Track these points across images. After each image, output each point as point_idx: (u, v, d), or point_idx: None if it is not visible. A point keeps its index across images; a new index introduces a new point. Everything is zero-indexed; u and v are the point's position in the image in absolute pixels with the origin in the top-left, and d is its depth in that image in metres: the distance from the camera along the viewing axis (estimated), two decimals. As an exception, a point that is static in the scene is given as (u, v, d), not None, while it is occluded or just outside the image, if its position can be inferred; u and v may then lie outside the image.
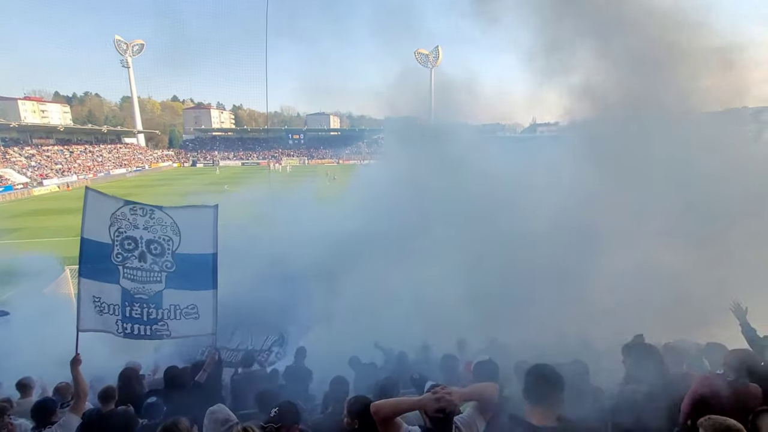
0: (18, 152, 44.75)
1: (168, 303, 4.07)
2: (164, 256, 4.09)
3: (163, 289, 4.08)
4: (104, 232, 3.98)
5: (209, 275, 4.17)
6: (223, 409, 2.94)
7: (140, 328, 4.04)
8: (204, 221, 4.19)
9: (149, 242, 4.05)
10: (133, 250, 4.02)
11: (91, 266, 3.97)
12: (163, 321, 4.06)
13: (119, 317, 4.01)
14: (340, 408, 3.17)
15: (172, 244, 4.10)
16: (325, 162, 74.20)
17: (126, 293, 4.01)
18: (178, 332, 4.15)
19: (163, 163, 67.03)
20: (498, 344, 4.83)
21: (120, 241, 4.00)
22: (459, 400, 2.03)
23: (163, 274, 4.08)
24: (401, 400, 2.18)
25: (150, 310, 4.04)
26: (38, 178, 41.12)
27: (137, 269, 4.03)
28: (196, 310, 4.13)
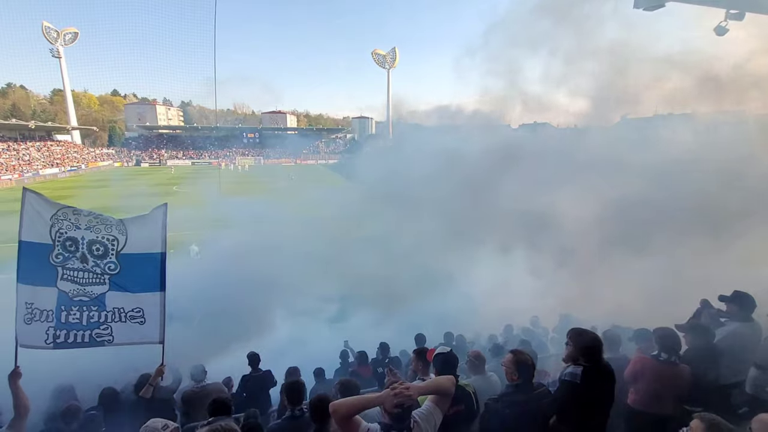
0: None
1: (112, 305, 3.86)
2: (107, 257, 3.88)
3: (106, 291, 3.87)
4: (44, 233, 3.76)
5: (156, 276, 4.00)
6: (155, 420, 2.79)
7: (77, 334, 3.77)
8: (152, 219, 4.03)
9: (91, 243, 3.83)
10: (75, 252, 3.79)
11: (27, 270, 3.72)
12: (106, 324, 3.84)
13: (52, 324, 3.73)
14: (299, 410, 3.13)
15: (117, 244, 3.91)
16: (282, 161, 72.41)
17: (63, 296, 3.76)
18: (122, 338, 3.89)
19: (102, 162, 62.07)
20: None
21: (62, 241, 3.78)
22: (417, 394, 2.07)
23: (106, 276, 3.87)
24: (359, 398, 2.20)
25: (91, 314, 3.81)
26: (-50, 178, 36.53)
27: (78, 270, 3.81)
28: (142, 313, 3.94)
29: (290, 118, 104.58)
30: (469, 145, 9.80)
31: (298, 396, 3.16)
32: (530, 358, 2.63)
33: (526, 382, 2.59)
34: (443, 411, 2.20)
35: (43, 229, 3.79)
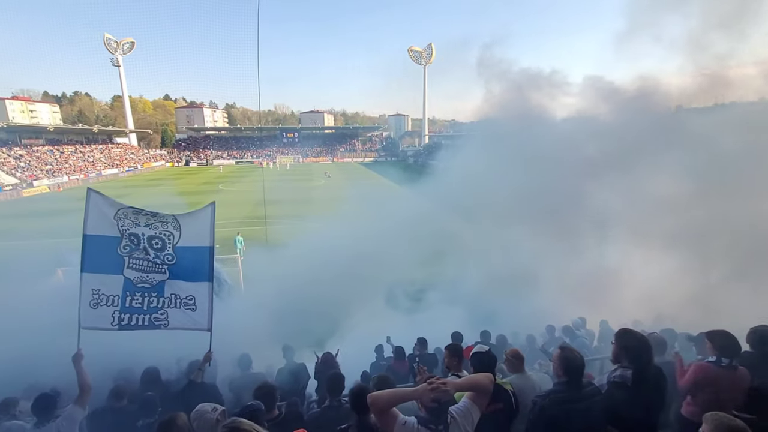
0: (6, 153, 44.14)
1: (169, 292, 4.28)
2: (165, 250, 4.32)
3: (165, 279, 4.30)
4: (111, 227, 4.22)
5: (206, 267, 4.37)
6: (204, 404, 2.96)
7: (138, 318, 4.20)
8: (202, 216, 4.41)
9: (150, 238, 4.27)
10: (138, 244, 4.24)
11: (94, 260, 4.14)
12: (163, 309, 4.25)
13: (117, 308, 4.16)
14: (336, 401, 3.21)
15: (173, 238, 4.33)
16: (319, 160, 74.02)
17: (128, 283, 4.20)
18: (176, 323, 4.27)
19: (155, 162, 66.49)
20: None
21: (127, 235, 4.24)
22: (453, 390, 2.06)
23: (165, 266, 4.29)
24: (397, 391, 2.22)
25: (151, 299, 4.23)
26: (28, 179, 40.62)
27: (142, 259, 4.25)
28: (194, 301, 4.32)
29: (327, 117, 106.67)
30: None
31: (338, 387, 3.23)
32: (579, 356, 2.53)
33: (575, 380, 2.49)
34: (481, 409, 2.17)
35: (110, 224, 4.23)
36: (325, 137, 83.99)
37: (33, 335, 4.56)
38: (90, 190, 4.31)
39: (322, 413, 3.27)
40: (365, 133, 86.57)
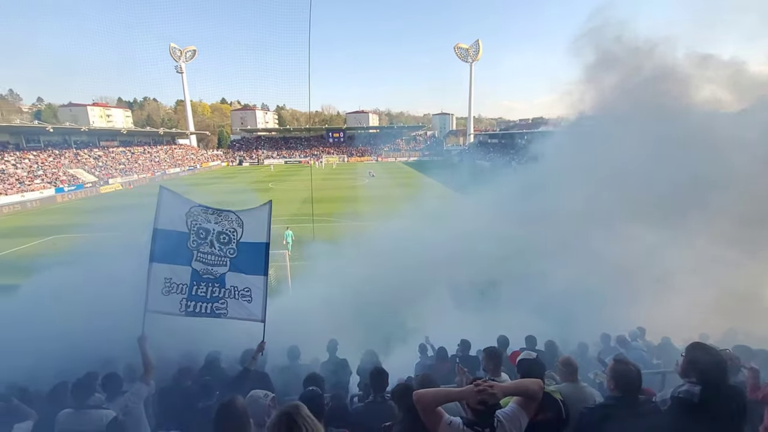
0: (87, 153, 49.26)
1: (229, 284, 4.64)
2: (230, 245, 4.71)
3: (226, 272, 4.66)
4: (181, 223, 4.65)
5: (262, 262, 4.69)
6: (257, 390, 3.15)
7: (202, 306, 4.58)
8: (261, 214, 4.76)
9: (219, 233, 4.68)
10: (205, 238, 4.66)
11: (164, 252, 4.56)
12: (224, 299, 4.60)
13: (185, 296, 4.57)
14: (380, 397, 3.26)
15: (237, 234, 4.71)
16: (363, 159, 75.04)
17: (195, 274, 4.61)
18: (234, 313, 4.60)
19: (212, 162, 70.96)
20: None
21: (195, 230, 4.66)
22: (501, 394, 2.02)
23: (227, 259, 4.67)
24: (443, 390, 2.21)
25: (214, 289, 4.61)
26: (105, 177, 45.06)
27: (207, 253, 4.65)
28: (250, 293, 4.64)
29: (372, 117, 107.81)
30: None
31: (382, 383, 3.27)
32: (635, 369, 2.37)
33: (629, 394, 2.34)
34: (529, 415, 2.11)
35: (180, 220, 4.66)
36: (369, 137, 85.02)
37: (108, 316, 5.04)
38: (162, 188, 4.71)
39: (365, 408, 3.34)
40: (409, 133, 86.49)
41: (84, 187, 40.36)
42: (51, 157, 43.38)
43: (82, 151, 49.00)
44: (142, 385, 3.83)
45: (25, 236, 20.29)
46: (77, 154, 47.62)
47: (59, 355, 4.84)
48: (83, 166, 45.60)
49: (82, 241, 13.37)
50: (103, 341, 5.00)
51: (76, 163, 45.16)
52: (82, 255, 7.27)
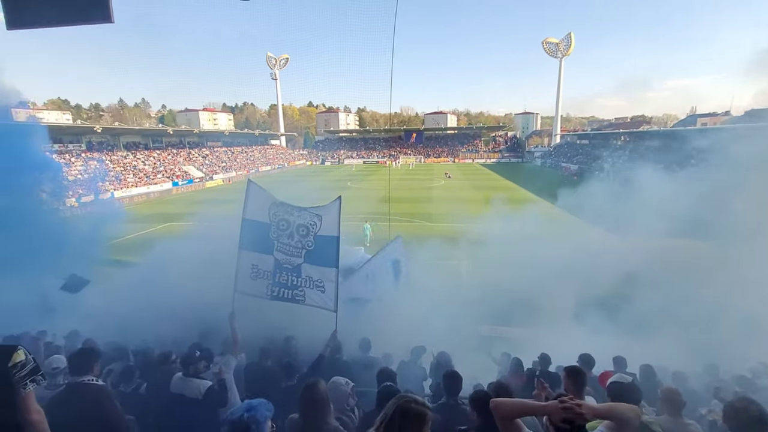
0: (197, 153, 56.41)
1: (305, 274, 4.91)
2: (308, 237, 4.97)
3: (302, 263, 4.93)
4: (265, 215, 5.03)
5: (334, 255, 4.86)
6: (338, 377, 3.34)
7: (284, 292, 4.97)
8: (333, 209, 4.92)
9: (299, 226, 4.96)
10: (285, 230, 4.98)
11: (251, 241, 5.01)
12: (301, 288, 4.91)
13: (270, 281, 4.99)
14: (453, 400, 3.23)
15: (315, 227, 4.94)
16: (440, 161, 74.33)
17: (277, 262, 4.98)
18: (310, 301, 4.89)
19: (298, 161, 76.31)
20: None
21: (276, 222, 5.00)
22: (590, 416, 1.87)
23: (303, 251, 4.93)
24: (523, 401, 2.12)
25: (292, 278, 4.94)
26: (210, 173, 51.21)
27: (287, 244, 4.97)
28: (323, 284, 4.86)
29: (451, 117, 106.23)
30: None
31: (456, 386, 3.24)
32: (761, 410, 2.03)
33: None
34: (621, 444, 1.92)
35: (264, 212, 5.05)
36: (447, 138, 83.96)
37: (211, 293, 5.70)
38: (250, 181, 5.16)
39: (437, 409, 3.32)
40: (489, 133, 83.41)
41: (194, 181, 46.39)
42: (170, 155, 50.55)
43: (194, 151, 56.23)
44: (231, 357, 4.23)
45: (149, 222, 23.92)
46: (189, 153, 54.79)
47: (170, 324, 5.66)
48: (194, 163, 52.35)
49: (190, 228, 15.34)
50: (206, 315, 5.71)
51: (188, 161, 52.02)
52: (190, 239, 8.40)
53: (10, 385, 1.98)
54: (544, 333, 6.76)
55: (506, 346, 6.15)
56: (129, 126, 59.49)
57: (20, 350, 2.08)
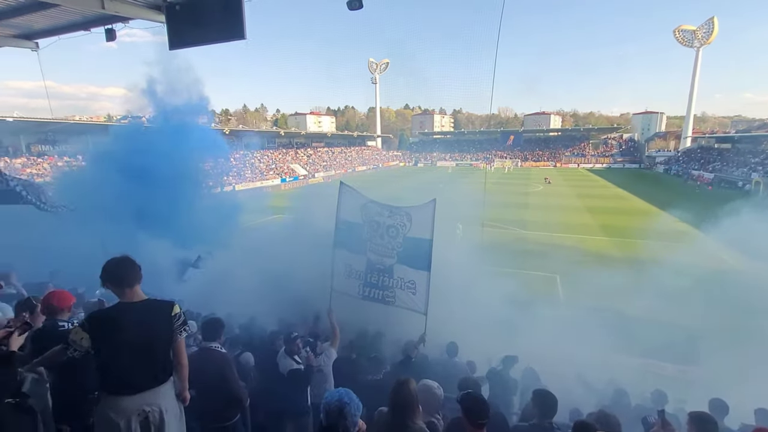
0: (303, 153, 61.89)
1: (397, 275, 5.01)
2: (397, 238, 5.05)
3: (394, 264, 5.03)
4: (357, 215, 5.24)
5: (426, 258, 4.85)
6: (429, 381, 3.39)
7: (375, 292, 5.14)
8: (427, 212, 4.90)
9: (389, 226, 5.08)
10: (377, 231, 5.12)
11: (344, 240, 5.29)
12: (392, 289, 5.02)
13: (361, 281, 5.21)
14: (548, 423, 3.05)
15: (405, 228, 5.01)
16: (540, 165, 69.37)
17: (369, 262, 5.16)
18: (401, 302, 5.01)
19: (392, 162, 78.45)
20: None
21: (369, 222, 5.17)
22: None
23: (395, 251, 5.03)
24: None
25: (384, 278, 5.07)
26: (312, 171, 55.82)
27: (379, 245, 5.12)
28: (415, 286, 4.92)
29: (554, 118, 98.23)
30: None
31: (551, 408, 3.08)
32: None
33: None
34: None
35: (356, 213, 5.25)
36: (548, 140, 77.88)
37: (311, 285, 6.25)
38: (342, 183, 5.42)
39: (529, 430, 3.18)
40: (599, 135, 74.99)
41: (298, 178, 51.14)
42: (280, 154, 56.39)
43: (300, 150, 61.83)
44: (332, 350, 4.55)
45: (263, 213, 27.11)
46: (296, 152, 60.41)
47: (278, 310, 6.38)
48: (299, 162, 57.57)
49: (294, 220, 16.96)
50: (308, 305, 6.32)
51: (295, 160, 57.42)
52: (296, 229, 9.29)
53: (172, 331, 2.47)
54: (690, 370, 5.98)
55: (605, 373, 5.60)
56: (249, 128, 68.14)
57: (176, 304, 2.55)
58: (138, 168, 9.20)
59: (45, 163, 29.31)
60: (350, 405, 2.17)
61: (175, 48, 6.63)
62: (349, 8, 6.23)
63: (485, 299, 7.17)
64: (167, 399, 2.47)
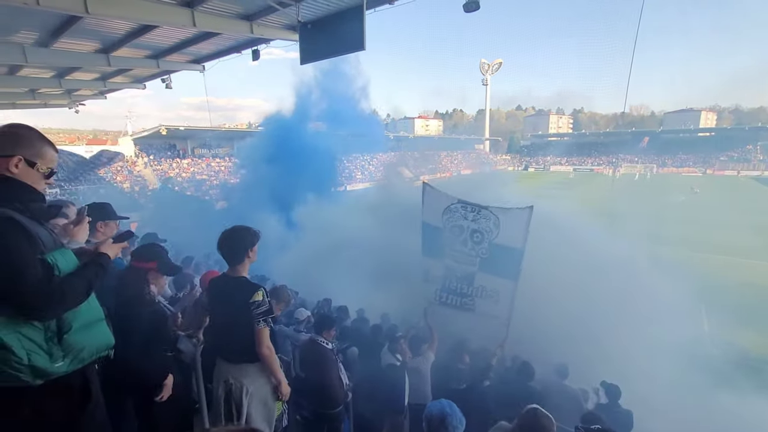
0: (410, 156, 63.35)
1: (478, 283, 4.82)
2: (482, 245, 4.80)
3: (476, 272, 4.84)
4: (437, 219, 5.08)
5: (515, 267, 4.59)
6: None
7: (453, 298, 5.01)
8: (520, 220, 4.58)
9: (473, 231, 4.84)
10: (459, 236, 4.92)
11: (427, 244, 5.23)
12: (471, 297, 4.86)
13: (439, 286, 5.11)
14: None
15: (492, 235, 4.75)
16: (683, 171, 58.36)
17: (448, 268, 5.03)
18: (481, 310, 4.82)
19: (500, 166, 74.97)
20: None
21: (450, 227, 4.98)
22: None
23: (477, 259, 4.81)
24: None
25: (463, 285, 4.91)
26: (417, 174, 56.69)
27: (459, 251, 4.93)
28: (498, 295, 4.70)
29: (706, 115, 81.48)
30: None
31: None
32: None
33: None
34: None
35: (437, 216, 5.08)
36: (695, 142, 64.92)
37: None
38: (425, 184, 5.28)
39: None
40: (775, 136, 59.59)
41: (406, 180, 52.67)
42: (388, 157, 58.78)
43: (407, 153, 63.54)
44: (430, 353, 4.56)
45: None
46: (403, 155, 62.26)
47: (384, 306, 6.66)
48: (406, 165, 59.19)
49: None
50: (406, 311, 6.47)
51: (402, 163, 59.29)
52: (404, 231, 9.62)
53: (249, 318, 2.39)
54: None
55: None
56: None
57: (261, 291, 2.43)
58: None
59: (203, 163, 35.84)
60: (452, 417, 2.19)
61: (305, 62, 7.42)
62: (465, 10, 6.15)
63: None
64: (254, 381, 2.49)
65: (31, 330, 1.41)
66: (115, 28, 7.65)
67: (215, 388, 2.57)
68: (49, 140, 1.58)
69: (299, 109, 15.21)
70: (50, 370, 1.45)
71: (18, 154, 1.47)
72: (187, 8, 6.45)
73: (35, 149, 1.53)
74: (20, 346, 1.38)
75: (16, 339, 1.37)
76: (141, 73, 11.64)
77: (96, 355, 1.65)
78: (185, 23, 6.59)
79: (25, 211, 1.46)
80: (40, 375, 1.43)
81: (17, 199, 1.45)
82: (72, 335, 1.52)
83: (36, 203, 1.53)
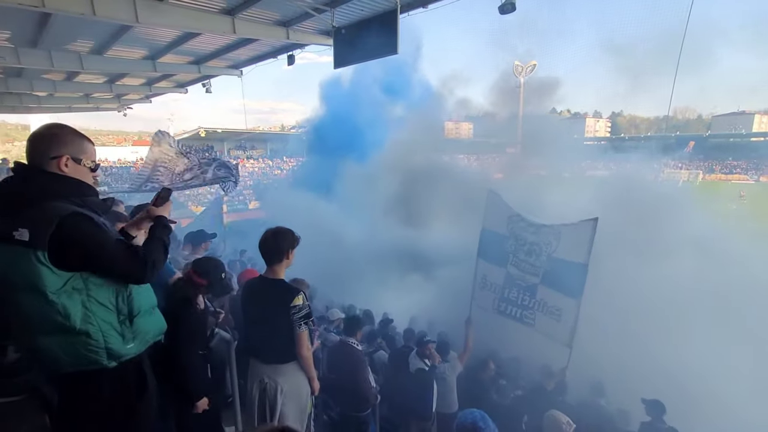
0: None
1: (539, 296, 4.60)
2: (541, 257, 4.63)
3: (538, 283, 4.63)
4: (502, 226, 5.00)
5: (577, 283, 4.31)
6: (559, 414, 3.08)
7: (512, 309, 4.83)
8: (584, 232, 4.32)
9: (532, 243, 4.72)
10: (523, 246, 4.81)
11: (487, 250, 5.14)
12: (532, 310, 4.64)
13: (497, 295, 4.97)
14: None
15: (550, 247, 4.56)
16: (731, 178, 54.63)
17: (509, 276, 4.88)
18: (541, 327, 4.60)
19: (531, 170, 72.97)
20: None
21: (515, 235, 4.89)
22: None
23: (540, 270, 4.62)
24: None
25: (524, 297, 4.72)
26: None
27: (523, 261, 4.79)
28: (560, 313, 4.42)
29: (760, 119, 75.83)
30: None
31: None
32: None
33: None
34: None
35: (502, 223, 5.01)
36: (747, 147, 60.60)
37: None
38: (491, 191, 5.21)
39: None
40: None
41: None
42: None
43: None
44: (458, 362, 4.52)
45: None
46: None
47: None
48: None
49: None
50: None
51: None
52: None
53: (288, 321, 2.45)
54: None
55: None
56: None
57: (301, 295, 2.48)
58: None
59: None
60: (485, 430, 2.10)
61: (338, 67, 7.53)
62: (501, 12, 6.03)
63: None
64: (289, 381, 2.53)
65: (107, 313, 1.55)
66: (162, 35, 8.11)
67: (249, 388, 2.64)
68: (86, 136, 1.67)
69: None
70: (123, 351, 1.58)
71: (64, 153, 1.55)
72: (228, 16, 6.72)
73: (78, 146, 1.61)
74: (97, 330, 1.50)
75: (92, 325, 1.50)
76: (183, 78, 12.25)
77: (156, 338, 1.80)
78: (226, 30, 6.87)
79: (83, 205, 1.55)
80: (115, 356, 1.56)
81: (74, 194, 1.55)
82: (140, 318, 1.66)
83: (91, 197, 1.63)
